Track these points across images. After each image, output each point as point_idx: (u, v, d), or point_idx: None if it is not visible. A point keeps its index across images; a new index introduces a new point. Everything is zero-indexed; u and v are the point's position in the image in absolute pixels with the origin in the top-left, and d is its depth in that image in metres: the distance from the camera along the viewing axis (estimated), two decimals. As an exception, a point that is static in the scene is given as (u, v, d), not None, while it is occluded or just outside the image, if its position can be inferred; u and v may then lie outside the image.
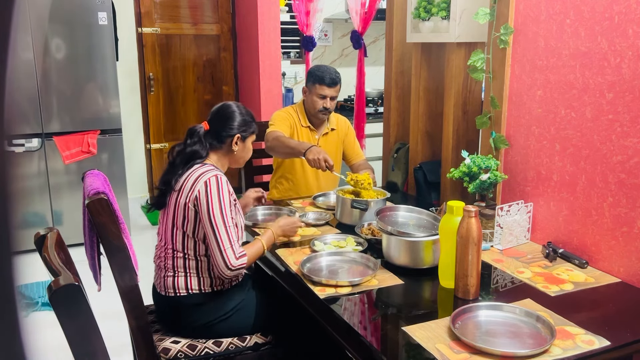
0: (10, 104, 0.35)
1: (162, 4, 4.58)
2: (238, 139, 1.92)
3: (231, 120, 1.92)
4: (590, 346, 1.33)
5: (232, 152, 1.93)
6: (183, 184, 1.80)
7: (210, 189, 1.75)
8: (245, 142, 1.96)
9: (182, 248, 1.80)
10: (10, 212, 0.37)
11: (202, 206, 1.75)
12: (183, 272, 1.81)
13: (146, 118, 4.71)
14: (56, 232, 1.54)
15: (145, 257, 2.10)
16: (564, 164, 1.92)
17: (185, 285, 1.81)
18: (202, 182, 1.76)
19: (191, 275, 1.81)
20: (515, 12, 2.05)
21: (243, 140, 1.95)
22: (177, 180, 1.82)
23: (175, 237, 1.81)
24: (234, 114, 1.93)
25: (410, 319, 1.51)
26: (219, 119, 1.93)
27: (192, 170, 1.81)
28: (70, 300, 1.16)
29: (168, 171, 1.87)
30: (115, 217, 1.63)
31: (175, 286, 1.81)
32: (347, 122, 2.86)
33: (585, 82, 1.81)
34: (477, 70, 2.17)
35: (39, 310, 2.94)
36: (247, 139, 1.96)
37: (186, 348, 1.81)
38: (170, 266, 1.83)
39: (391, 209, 2.04)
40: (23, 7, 0.59)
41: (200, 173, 1.79)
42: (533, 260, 1.87)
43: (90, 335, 1.21)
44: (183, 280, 1.81)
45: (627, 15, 1.66)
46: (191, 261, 1.80)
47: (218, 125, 1.91)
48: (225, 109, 1.95)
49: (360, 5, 3.92)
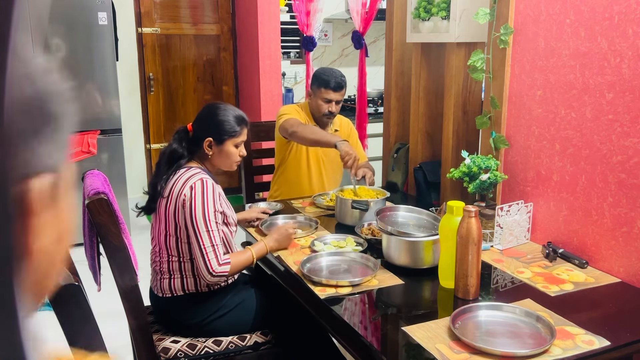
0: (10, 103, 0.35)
1: (162, 4, 4.58)
2: (211, 143, 1.81)
3: (206, 122, 1.82)
4: (590, 346, 1.33)
5: (208, 156, 1.84)
6: (171, 190, 1.76)
7: (195, 193, 1.72)
8: (223, 146, 1.82)
9: (177, 252, 1.79)
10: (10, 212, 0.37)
11: (186, 209, 1.72)
12: (179, 275, 1.81)
13: (146, 118, 4.71)
14: None
15: (145, 257, 2.10)
16: (564, 164, 1.92)
17: (181, 286, 1.81)
18: (188, 187, 1.73)
19: (187, 277, 1.81)
20: (515, 12, 2.05)
21: (219, 144, 1.82)
22: (164, 185, 1.78)
23: (169, 243, 1.80)
24: (211, 116, 1.82)
25: (410, 319, 1.51)
26: (197, 120, 1.85)
27: (179, 175, 1.77)
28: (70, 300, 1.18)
29: (155, 174, 1.84)
30: (115, 217, 1.63)
31: (172, 288, 1.82)
32: (350, 124, 2.86)
33: (585, 82, 1.81)
34: (477, 70, 2.17)
35: (39, 310, 2.94)
36: (223, 142, 1.82)
37: (186, 347, 1.81)
38: (166, 269, 1.82)
39: (391, 209, 2.04)
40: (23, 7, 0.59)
41: (186, 178, 1.76)
42: (533, 260, 1.87)
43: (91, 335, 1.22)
44: (180, 282, 1.81)
45: (627, 15, 1.66)
46: (186, 264, 1.80)
47: (196, 127, 1.84)
48: (205, 108, 1.86)
49: (361, 5, 3.92)
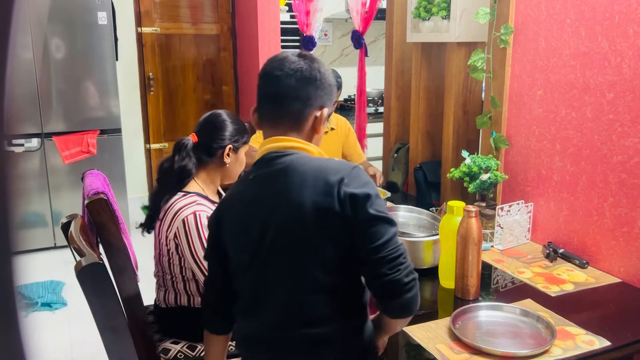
0: (10, 103, 0.35)
1: (162, 4, 4.58)
2: (230, 150, 1.78)
3: (222, 130, 1.77)
4: (590, 346, 1.33)
5: (224, 165, 1.79)
6: (165, 216, 1.72)
7: (189, 228, 1.66)
8: (238, 153, 1.81)
9: (170, 271, 1.78)
10: (10, 212, 0.37)
11: (184, 245, 1.68)
12: (172, 290, 1.79)
13: (146, 118, 4.71)
14: (80, 217, 1.62)
15: (144, 257, 2.10)
16: (564, 163, 1.92)
17: (174, 301, 1.80)
18: (180, 220, 1.67)
19: (180, 294, 1.79)
20: (515, 12, 2.05)
21: (236, 152, 1.79)
22: (161, 207, 1.73)
23: (163, 262, 1.78)
24: (224, 123, 1.78)
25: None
26: (208, 130, 1.78)
27: (174, 201, 1.71)
28: (96, 278, 1.25)
29: (158, 191, 1.77)
30: (114, 217, 1.63)
31: (166, 300, 1.81)
32: (347, 123, 2.86)
33: (586, 82, 1.80)
34: (477, 70, 2.17)
35: (39, 310, 2.94)
36: (239, 149, 1.80)
37: (186, 349, 1.81)
38: (162, 283, 1.82)
39: (391, 209, 2.04)
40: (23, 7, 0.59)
41: (179, 207, 1.69)
42: (533, 261, 1.87)
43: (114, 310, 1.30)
44: (173, 297, 1.80)
45: (627, 15, 1.66)
46: (179, 283, 1.78)
47: (207, 137, 1.77)
48: (215, 118, 1.80)
49: (361, 4, 3.92)
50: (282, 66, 1.17)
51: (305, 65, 1.17)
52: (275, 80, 1.17)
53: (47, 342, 2.64)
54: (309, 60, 1.18)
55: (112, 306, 1.30)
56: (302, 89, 1.16)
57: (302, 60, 1.18)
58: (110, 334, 1.31)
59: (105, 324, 1.28)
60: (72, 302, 2.99)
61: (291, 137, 1.18)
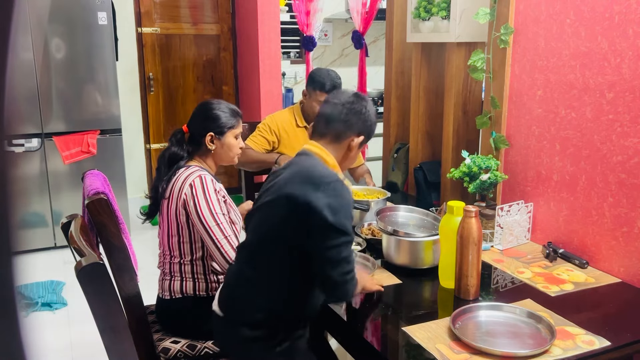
0: (10, 103, 0.35)
1: (162, 4, 4.58)
2: (213, 137, 1.85)
3: (203, 118, 1.86)
4: (590, 346, 1.33)
5: (211, 152, 1.86)
6: (171, 191, 1.79)
7: (196, 190, 1.74)
8: (224, 139, 1.86)
9: (179, 254, 1.81)
10: (10, 212, 0.37)
11: (191, 208, 1.74)
12: (179, 276, 1.82)
13: (146, 118, 4.71)
14: (80, 218, 1.64)
15: (145, 257, 2.10)
16: (564, 164, 1.92)
17: (180, 289, 1.81)
18: (188, 185, 1.75)
19: (187, 280, 1.81)
20: (515, 12, 2.05)
21: (220, 137, 1.86)
22: (165, 187, 1.81)
23: (172, 244, 1.81)
24: (207, 111, 1.86)
25: (410, 319, 1.51)
26: (193, 120, 1.89)
27: (177, 175, 1.80)
28: (96, 278, 1.27)
29: (156, 178, 1.86)
30: (114, 217, 1.63)
31: (171, 289, 1.82)
32: None
33: (586, 82, 1.80)
34: (477, 70, 2.17)
35: (39, 310, 2.94)
36: (224, 134, 1.86)
37: (186, 348, 1.81)
38: (168, 271, 1.84)
39: (391, 209, 2.04)
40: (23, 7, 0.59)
41: (185, 177, 1.78)
42: (533, 261, 1.87)
43: (114, 310, 1.31)
44: (179, 284, 1.81)
45: (627, 15, 1.66)
46: (187, 266, 1.81)
47: (193, 127, 1.87)
48: (199, 107, 1.89)
49: (361, 5, 3.92)
50: (339, 97, 1.54)
51: (356, 101, 1.52)
52: (332, 105, 1.53)
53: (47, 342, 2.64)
54: (360, 98, 1.54)
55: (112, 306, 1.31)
56: (347, 115, 1.50)
57: (354, 97, 1.53)
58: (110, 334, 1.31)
59: (105, 324, 1.29)
60: (72, 302, 2.99)
61: (322, 146, 1.51)
